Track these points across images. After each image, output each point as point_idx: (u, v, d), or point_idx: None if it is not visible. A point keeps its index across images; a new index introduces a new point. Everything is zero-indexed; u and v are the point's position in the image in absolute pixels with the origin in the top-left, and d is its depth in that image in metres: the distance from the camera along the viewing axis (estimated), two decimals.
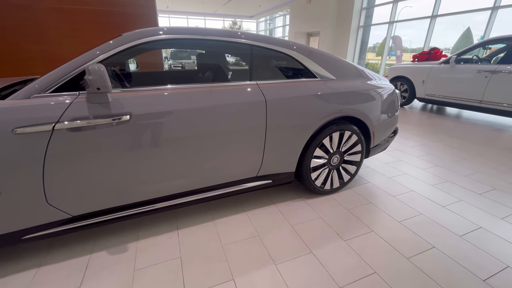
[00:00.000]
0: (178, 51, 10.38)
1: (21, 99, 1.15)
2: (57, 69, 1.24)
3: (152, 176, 1.42)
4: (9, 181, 1.14)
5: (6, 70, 3.97)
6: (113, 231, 1.64)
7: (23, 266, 1.36)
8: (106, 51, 1.29)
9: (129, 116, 1.27)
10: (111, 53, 1.29)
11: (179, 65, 9.45)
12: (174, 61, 9.94)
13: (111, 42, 1.32)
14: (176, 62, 9.91)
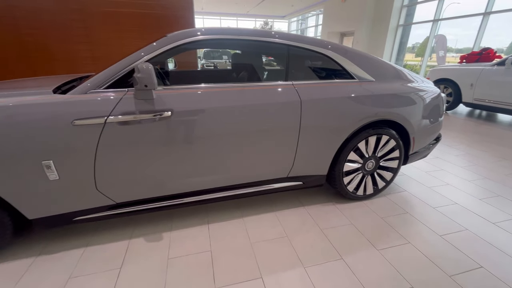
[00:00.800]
0: (211, 51, 10.71)
1: (79, 94, 1.28)
2: (110, 67, 1.35)
3: (186, 170, 1.48)
4: (67, 168, 1.27)
5: (60, 67, 4.43)
6: (149, 220, 1.74)
7: (73, 245, 1.52)
8: (152, 51, 1.38)
9: (170, 112, 1.34)
10: (157, 52, 1.38)
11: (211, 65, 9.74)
12: (207, 61, 10.27)
13: (157, 42, 1.41)
14: (209, 61, 10.23)
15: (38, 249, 1.48)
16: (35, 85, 1.53)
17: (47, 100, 1.22)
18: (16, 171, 1.20)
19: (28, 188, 1.25)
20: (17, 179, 1.22)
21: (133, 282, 1.27)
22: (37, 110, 1.19)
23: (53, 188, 1.29)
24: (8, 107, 1.16)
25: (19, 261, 1.39)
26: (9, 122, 1.15)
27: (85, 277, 1.29)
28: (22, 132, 1.16)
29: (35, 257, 1.42)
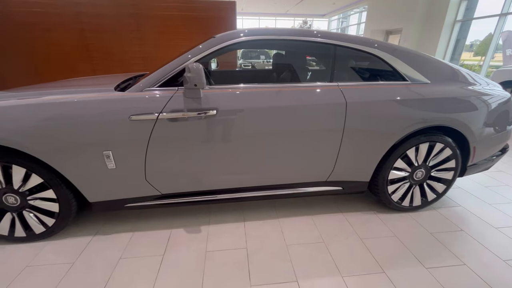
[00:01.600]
0: (249, 51, 10.88)
1: (136, 92, 1.40)
2: (163, 67, 1.45)
3: (226, 167, 1.53)
4: (123, 158, 1.40)
5: (115, 67, 4.90)
6: (189, 212, 1.84)
7: (123, 228, 1.67)
8: (201, 51, 1.45)
9: (215, 111, 1.39)
10: (206, 53, 1.44)
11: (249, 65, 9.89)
12: (244, 61, 10.46)
13: (205, 43, 1.47)
14: (246, 61, 10.40)
15: (95, 229, 1.66)
16: (98, 83, 1.72)
17: (109, 97, 1.36)
18: (82, 159, 1.36)
19: (91, 174, 1.41)
20: (82, 166, 1.38)
21: (174, 269, 1.34)
22: (101, 106, 1.33)
23: (111, 176, 1.43)
24: (74, 102, 1.32)
25: (80, 238, 1.58)
26: (77, 115, 1.30)
27: (133, 259, 1.41)
28: (87, 124, 1.31)
29: (92, 236, 1.60)
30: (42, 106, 1.30)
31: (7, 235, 1.50)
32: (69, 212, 1.50)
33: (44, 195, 1.44)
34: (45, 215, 1.49)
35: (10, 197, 1.42)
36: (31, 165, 1.35)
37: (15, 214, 1.47)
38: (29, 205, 1.46)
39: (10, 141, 1.26)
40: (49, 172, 1.38)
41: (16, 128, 1.26)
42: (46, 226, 1.51)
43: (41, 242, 1.55)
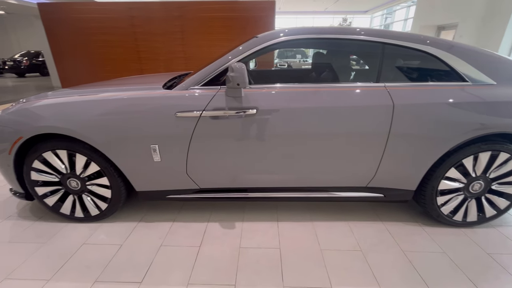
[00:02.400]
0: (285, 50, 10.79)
1: (182, 90, 1.48)
2: (207, 67, 1.51)
3: (262, 166, 1.54)
4: (167, 152, 1.49)
5: (160, 66, 5.25)
6: (224, 208, 1.90)
7: (164, 218, 1.78)
8: (244, 51, 1.47)
9: (255, 110, 1.41)
10: (249, 53, 1.47)
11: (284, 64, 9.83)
12: (280, 60, 10.41)
13: (248, 43, 1.50)
14: (282, 60, 10.34)
15: (140, 216, 1.81)
16: (147, 82, 1.85)
17: (158, 94, 1.46)
18: (132, 151, 1.49)
19: (139, 165, 1.53)
20: (132, 157, 1.51)
21: (209, 261, 1.40)
22: (150, 102, 1.43)
23: (156, 168, 1.54)
24: (127, 99, 1.44)
25: (127, 223, 1.73)
26: (129, 111, 1.43)
27: (173, 247, 1.50)
28: (138, 119, 1.43)
29: (137, 222, 1.74)
30: (99, 102, 1.45)
31: (69, 215, 1.71)
32: (119, 199, 1.65)
33: (99, 181, 1.60)
34: (99, 200, 1.67)
35: (73, 181, 1.62)
36: (91, 155, 1.52)
37: (76, 197, 1.67)
38: (87, 190, 1.65)
39: (75, 132, 1.43)
40: (105, 161, 1.53)
41: (79, 121, 1.43)
42: (100, 209, 1.69)
43: (95, 223, 1.73)
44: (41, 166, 1.57)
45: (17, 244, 1.54)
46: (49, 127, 1.44)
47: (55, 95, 1.60)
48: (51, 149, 1.52)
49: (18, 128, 1.47)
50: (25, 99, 1.69)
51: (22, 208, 1.90)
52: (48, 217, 1.80)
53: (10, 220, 1.77)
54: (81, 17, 4.93)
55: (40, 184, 1.63)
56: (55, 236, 1.61)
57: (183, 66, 5.12)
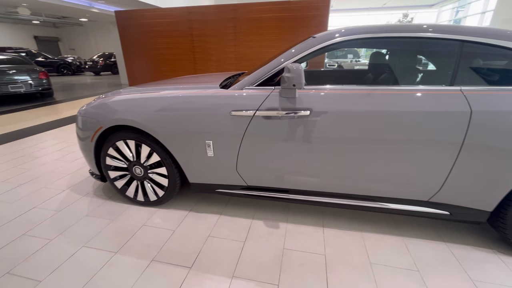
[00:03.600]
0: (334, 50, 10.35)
1: (238, 90, 1.54)
2: (263, 67, 1.54)
3: (311, 169, 1.50)
4: (220, 149, 1.57)
5: (213, 67, 5.53)
6: (269, 207, 1.91)
7: (212, 210, 1.88)
8: (300, 51, 1.46)
9: (309, 111, 1.38)
10: (305, 53, 1.44)
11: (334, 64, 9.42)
12: (330, 60, 10.01)
13: (304, 43, 1.47)
14: (331, 60, 9.94)
15: (190, 206, 1.94)
16: (204, 81, 1.97)
17: (216, 93, 1.54)
18: (189, 144, 1.60)
19: (194, 158, 1.65)
20: (188, 150, 1.62)
21: (253, 258, 1.43)
22: (208, 100, 1.52)
23: (209, 162, 1.64)
24: (187, 96, 1.56)
25: (179, 211, 1.88)
26: (188, 107, 1.54)
27: (219, 239, 1.58)
28: (196, 115, 1.53)
29: (188, 211, 1.87)
30: (163, 99, 1.60)
31: (132, 198, 1.93)
32: (174, 188, 1.80)
33: (159, 171, 1.77)
34: (158, 187, 1.84)
35: (137, 168, 1.82)
36: (154, 146, 1.68)
37: (139, 183, 1.88)
38: (149, 177, 1.83)
39: (141, 125, 1.61)
40: (165, 153, 1.69)
41: (145, 115, 1.60)
42: (158, 196, 1.86)
43: (153, 208, 1.92)
44: (114, 153, 1.80)
45: (92, 218, 1.80)
46: (122, 119, 1.65)
47: (126, 92, 1.81)
48: (122, 139, 1.73)
49: (99, 119, 1.72)
50: (104, 95, 1.96)
51: (96, 188, 2.21)
52: (116, 198, 2.06)
53: (87, 197, 2.07)
54: (148, 22, 5.50)
55: (112, 168, 1.87)
56: (121, 215, 1.83)
57: (233, 66, 5.31)
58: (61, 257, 1.45)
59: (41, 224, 1.73)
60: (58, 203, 1.97)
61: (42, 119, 4.61)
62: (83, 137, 1.84)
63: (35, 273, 1.35)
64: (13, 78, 5.95)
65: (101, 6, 9.18)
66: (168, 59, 5.77)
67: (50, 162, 2.74)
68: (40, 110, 5.34)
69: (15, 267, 1.38)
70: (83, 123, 1.82)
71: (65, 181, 2.31)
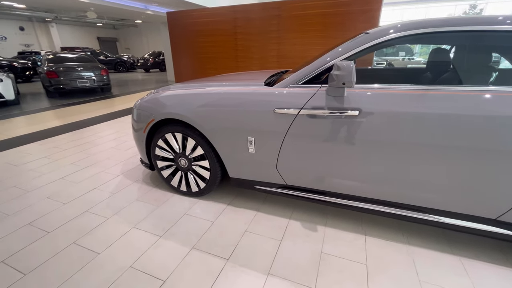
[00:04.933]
0: None
1: (283, 87, 1.53)
2: (309, 65, 1.50)
3: (356, 173, 1.43)
4: (261, 146, 1.59)
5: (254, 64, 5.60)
6: (306, 208, 1.88)
7: (249, 206, 1.92)
8: (351, 48, 1.39)
9: (358, 112, 1.31)
10: (356, 50, 1.37)
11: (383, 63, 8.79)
12: (378, 57, 9.37)
13: (356, 40, 1.40)
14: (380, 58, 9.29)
15: (229, 200, 2.00)
16: (248, 78, 2.01)
17: (260, 91, 1.56)
18: (231, 140, 1.65)
19: (235, 154, 1.69)
20: (230, 146, 1.67)
21: (290, 258, 1.42)
22: (252, 97, 1.55)
23: (249, 159, 1.67)
24: (232, 93, 1.60)
25: (218, 203, 1.95)
26: (233, 104, 1.58)
27: (255, 235, 1.60)
28: (240, 112, 1.56)
29: (226, 205, 1.93)
30: (209, 95, 1.67)
31: (176, 187, 2.07)
32: (215, 181, 1.87)
33: (202, 163, 1.86)
34: (200, 179, 1.94)
35: (182, 160, 1.94)
36: (199, 139, 1.77)
37: (183, 174, 2.00)
38: (192, 169, 1.94)
39: (189, 119, 1.70)
40: (208, 146, 1.76)
41: (192, 110, 1.69)
42: (199, 187, 1.96)
43: (194, 198, 2.03)
44: (163, 144, 1.95)
45: (141, 202, 1.97)
46: (171, 113, 1.76)
47: (175, 88, 1.94)
48: (171, 131, 1.86)
49: (151, 112, 1.87)
50: (155, 90, 2.12)
51: (145, 175, 2.42)
52: (162, 186, 2.22)
53: (137, 183, 2.28)
54: (195, 21, 5.80)
55: (160, 158, 2.02)
56: (166, 202, 1.97)
57: (275, 65, 5.31)
58: (116, 235, 1.62)
59: (100, 203, 1.96)
60: (114, 187, 2.20)
61: (101, 111, 5.20)
62: (137, 128, 2.02)
63: (95, 245, 1.53)
64: (81, 74, 6.82)
65: (154, 8, 9.98)
66: (211, 57, 6.03)
67: (107, 149, 3.07)
68: (100, 103, 6.02)
69: (79, 239, 1.58)
70: (137, 115, 1.99)
71: (119, 167, 2.58)
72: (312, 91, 1.44)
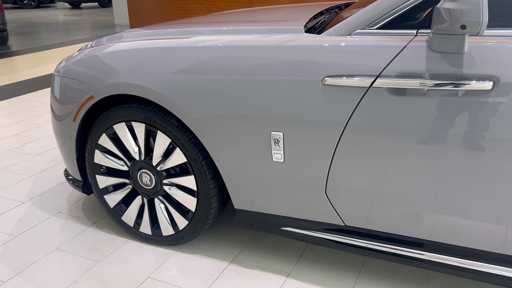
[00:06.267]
0: None
1: (340, 36, 1.52)
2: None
3: (493, 204, 1.41)
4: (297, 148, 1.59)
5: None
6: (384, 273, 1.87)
7: (273, 265, 1.93)
8: None
9: (492, 83, 1.28)
10: None
11: None
12: None
13: None
14: None
15: (233, 252, 2.02)
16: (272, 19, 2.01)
17: (296, 42, 1.57)
18: (240, 137, 1.67)
19: (247, 164, 1.71)
20: (238, 148, 1.69)
21: None
22: (281, 56, 1.56)
23: (274, 173, 1.68)
24: (238, 48, 1.62)
25: (212, 260, 1.98)
26: (240, 68, 1.60)
27: None
28: (255, 84, 1.58)
29: (227, 263, 1.96)
30: (193, 51, 1.70)
31: (132, 226, 2.11)
32: (207, 215, 1.90)
33: (183, 181, 1.89)
34: (178, 212, 1.96)
35: (145, 174, 1.98)
36: (178, 135, 1.79)
37: (146, 200, 2.04)
38: (164, 193, 1.98)
39: (158, 95, 1.73)
40: (197, 150, 1.78)
41: (164, 78, 1.71)
42: (176, 228, 2.00)
43: (166, 249, 2.07)
44: (109, 144, 2.00)
45: (65, 254, 2.03)
46: (125, 84, 1.81)
47: (131, 37, 1.98)
48: (125, 119, 1.91)
49: (88, 83, 1.91)
50: (94, 42, 2.17)
51: (74, 202, 2.49)
52: (106, 223, 2.27)
53: (59, 217, 2.34)
54: None
55: (104, 171, 2.08)
56: (112, 255, 2.02)
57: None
58: None
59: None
60: (13, 225, 2.27)
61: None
62: (60, 113, 2.08)
63: None
64: None
65: None
66: None
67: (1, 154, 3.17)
68: None
69: None
70: (61, 90, 2.05)
71: (24, 188, 2.66)
72: (398, 43, 1.43)
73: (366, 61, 1.44)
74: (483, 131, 1.33)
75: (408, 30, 1.44)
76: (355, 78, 1.44)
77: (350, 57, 1.47)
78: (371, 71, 1.42)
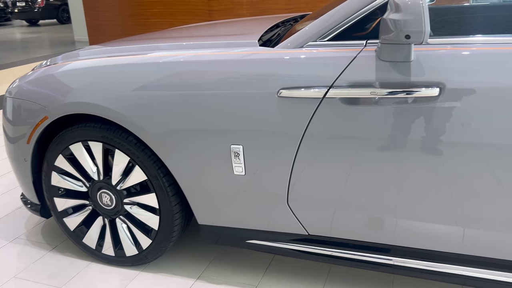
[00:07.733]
0: None
1: (293, 49, 1.55)
2: (341, 5, 1.53)
3: (448, 208, 1.45)
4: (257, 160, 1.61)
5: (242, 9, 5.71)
6: (349, 279, 1.89)
7: (240, 279, 1.93)
8: None
9: (438, 89, 1.34)
10: None
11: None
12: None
13: None
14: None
15: (198, 270, 2.01)
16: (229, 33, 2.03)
17: (252, 55, 1.59)
18: (199, 152, 1.67)
19: (208, 178, 1.71)
20: (198, 164, 1.69)
21: None
22: (238, 69, 1.57)
23: (236, 187, 1.69)
24: (196, 62, 1.63)
25: (178, 278, 1.96)
26: (198, 83, 1.60)
27: None
28: (213, 97, 1.58)
29: (194, 280, 1.94)
30: (151, 67, 1.70)
31: (94, 249, 2.06)
32: (170, 233, 1.88)
33: (144, 200, 1.87)
34: (141, 231, 1.94)
35: (105, 194, 1.95)
36: (137, 153, 1.78)
37: (107, 221, 2.01)
38: (125, 212, 1.95)
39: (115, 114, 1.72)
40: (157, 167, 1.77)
41: (121, 97, 1.70)
42: (140, 247, 1.97)
43: (130, 270, 2.04)
44: (66, 165, 1.96)
45: (24, 282, 1.96)
46: (81, 104, 1.79)
47: (88, 55, 1.95)
48: (82, 139, 1.88)
49: (42, 104, 1.88)
50: (49, 60, 2.13)
51: (33, 227, 2.42)
52: (67, 247, 2.22)
53: (16, 244, 2.26)
54: None
55: (62, 193, 2.03)
56: (74, 279, 1.97)
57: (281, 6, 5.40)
58: None
59: None
60: None
61: None
62: (13, 136, 2.03)
63: None
64: None
65: None
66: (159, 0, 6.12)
67: None
68: None
69: None
70: (14, 111, 2.00)
71: None
72: (349, 53, 1.47)
73: (318, 72, 1.47)
74: (434, 136, 1.38)
75: (357, 41, 1.49)
76: (309, 90, 1.47)
77: (303, 69, 1.50)
78: (324, 82, 1.46)
